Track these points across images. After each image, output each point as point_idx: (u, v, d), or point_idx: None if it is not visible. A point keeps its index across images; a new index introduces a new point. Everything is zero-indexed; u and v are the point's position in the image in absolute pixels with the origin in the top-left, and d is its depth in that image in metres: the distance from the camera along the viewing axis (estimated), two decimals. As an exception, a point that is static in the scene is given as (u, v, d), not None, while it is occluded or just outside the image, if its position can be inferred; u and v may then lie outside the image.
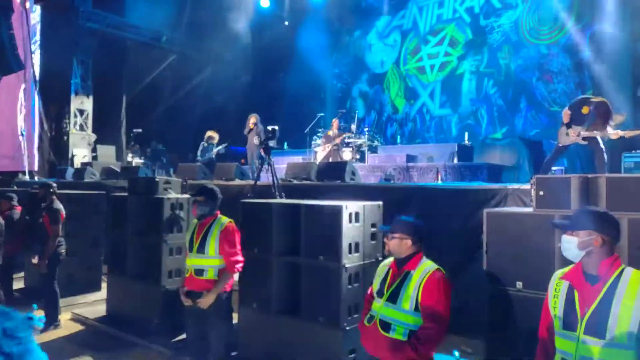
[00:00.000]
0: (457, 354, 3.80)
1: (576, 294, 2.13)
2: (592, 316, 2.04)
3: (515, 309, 3.32)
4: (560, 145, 6.03)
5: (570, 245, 2.15)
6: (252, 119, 9.32)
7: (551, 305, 2.23)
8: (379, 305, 2.74)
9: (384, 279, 2.80)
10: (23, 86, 14.15)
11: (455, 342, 4.10)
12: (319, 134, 11.44)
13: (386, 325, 2.68)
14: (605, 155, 5.82)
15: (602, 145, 5.87)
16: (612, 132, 5.68)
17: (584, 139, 5.84)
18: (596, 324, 2.02)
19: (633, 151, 7.66)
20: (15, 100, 14.26)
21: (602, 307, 2.02)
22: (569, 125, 5.90)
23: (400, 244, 2.75)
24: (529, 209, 3.52)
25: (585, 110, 5.88)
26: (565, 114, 5.99)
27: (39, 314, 2.27)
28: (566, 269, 2.28)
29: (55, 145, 13.21)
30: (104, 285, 6.52)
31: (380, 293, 2.77)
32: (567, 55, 12.25)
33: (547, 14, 12.59)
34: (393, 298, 2.68)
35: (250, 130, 9.27)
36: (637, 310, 1.97)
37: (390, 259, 2.90)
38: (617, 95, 10.60)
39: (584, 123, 5.82)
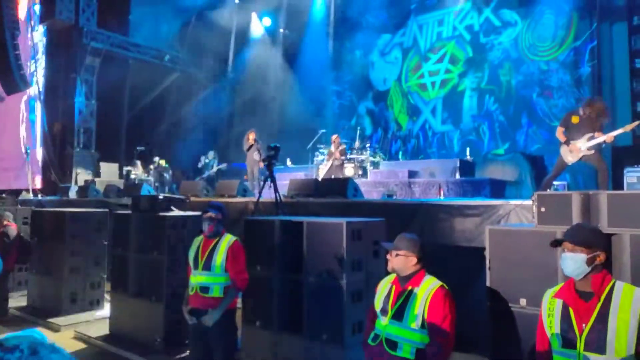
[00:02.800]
0: (461, 372, 3.78)
1: (571, 311, 2.14)
2: (590, 332, 2.05)
3: (519, 326, 3.30)
4: (568, 164, 5.83)
5: (577, 262, 2.13)
6: (251, 135, 9.40)
7: (547, 324, 2.24)
8: (383, 324, 2.71)
9: (387, 297, 2.78)
10: (25, 97, 14.30)
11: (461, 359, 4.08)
12: (320, 150, 11.51)
13: (393, 344, 2.65)
14: (608, 171, 5.73)
15: (604, 161, 5.78)
16: (614, 132, 5.51)
17: (586, 153, 5.70)
18: (596, 340, 2.03)
19: (635, 166, 7.67)
20: (17, 113, 14.39)
21: (599, 323, 2.04)
22: (567, 143, 5.75)
23: (405, 261, 2.74)
24: (531, 226, 3.51)
25: (575, 119, 5.75)
26: (560, 133, 5.84)
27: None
28: (556, 288, 2.29)
29: (59, 163, 13.31)
30: (107, 303, 6.51)
31: (384, 311, 2.74)
32: (567, 71, 12.38)
33: (546, 31, 12.76)
34: (398, 316, 2.66)
35: (250, 146, 9.34)
36: (634, 324, 1.99)
37: (392, 276, 2.88)
38: (616, 110, 10.68)
39: (582, 134, 5.68)
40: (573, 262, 2.14)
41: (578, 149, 5.65)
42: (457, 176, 9.61)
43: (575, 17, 12.27)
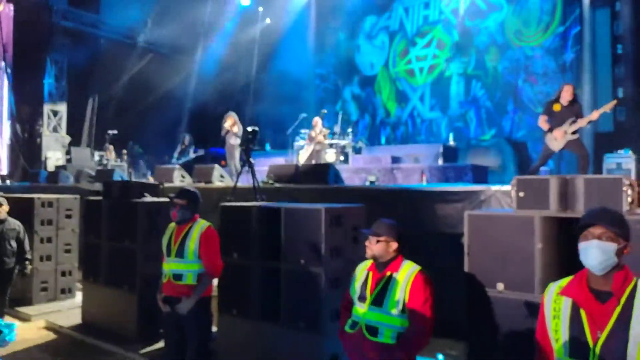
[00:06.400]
0: (440, 357, 3.76)
1: (583, 314, 1.77)
2: (607, 342, 1.70)
3: (496, 311, 3.29)
4: (555, 151, 5.96)
5: (606, 252, 1.73)
6: (230, 119, 9.14)
7: (551, 327, 1.86)
8: (362, 311, 2.68)
9: (364, 284, 2.75)
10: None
11: (440, 345, 4.06)
12: (301, 135, 11.33)
13: (373, 330, 2.63)
14: (589, 157, 5.83)
15: (585, 148, 5.88)
16: (594, 113, 5.65)
17: (571, 138, 5.78)
18: (612, 352, 1.69)
19: (615, 151, 7.72)
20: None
21: (618, 331, 1.70)
22: (551, 130, 5.84)
23: (386, 247, 2.71)
24: (510, 211, 3.49)
25: (556, 107, 5.86)
26: (542, 122, 5.94)
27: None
28: (563, 283, 1.90)
29: (28, 147, 12.87)
30: (78, 292, 6.38)
31: (362, 298, 2.71)
32: (551, 57, 12.37)
33: (532, 16, 12.69)
34: (378, 302, 2.64)
35: (228, 131, 9.10)
36: None
37: (367, 263, 2.84)
38: (598, 95, 10.74)
39: (564, 120, 5.77)
40: (601, 253, 1.73)
41: (563, 133, 5.74)
42: (441, 162, 9.57)
43: (559, 2, 12.22)
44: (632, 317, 1.69)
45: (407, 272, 2.67)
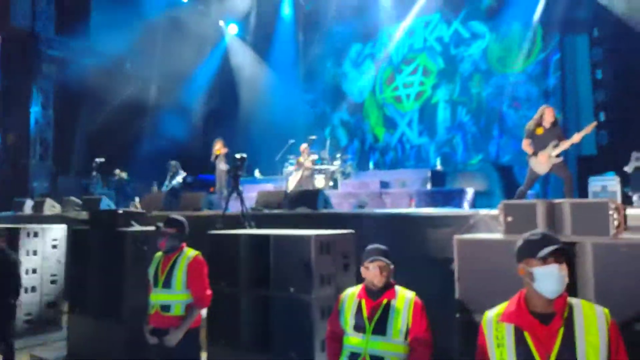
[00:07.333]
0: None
1: (528, 338, 1.77)
2: None
3: (488, 338, 3.25)
4: (541, 174, 5.94)
5: (564, 277, 1.76)
6: (218, 145, 9.18)
7: (496, 357, 1.82)
8: (363, 341, 2.63)
9: (359, 313, 2.70)
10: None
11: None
12: (290, 161, 11.36)
13: None
14: (572, 179, 5.87)
15: (569, 170, 5.92)
16: (575, 136, 5.68)
17: (555, 161, 5.81)
18: None
19: (600, 174, 7.85)
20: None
21: (565, 351, 1.72)
22: (535, 154, 5.85)
23: (389, 272, 2.72)
24: (499, 235, 3.50)
25: (539, 131, 5.87)
26: (526, 146, 5.94)
27: None
28: (499, 310, 1.90)
29: (14, 176, 12.68)
30: (64, 324, 6.21)
31: (359, 327, 2.66)
32: (534, 83, 12.69)
33: (513, 44, 13.07)
34: (380, 330, 2.61)
35: (217, 156, 9.12)
36: (604, 347, 1.71)
37: (355, 291, 2.81)
38: (581, 119, 11.01)
39: (548, 143, 5.80)
40: (564, 277, 1.75)
41: (547, 156, 5.75)
42: (429, 186, 9.65)
43: (539, 30, 12.62)
44: (575, 336, 1.72)
45: (405, 299, 2.67)
